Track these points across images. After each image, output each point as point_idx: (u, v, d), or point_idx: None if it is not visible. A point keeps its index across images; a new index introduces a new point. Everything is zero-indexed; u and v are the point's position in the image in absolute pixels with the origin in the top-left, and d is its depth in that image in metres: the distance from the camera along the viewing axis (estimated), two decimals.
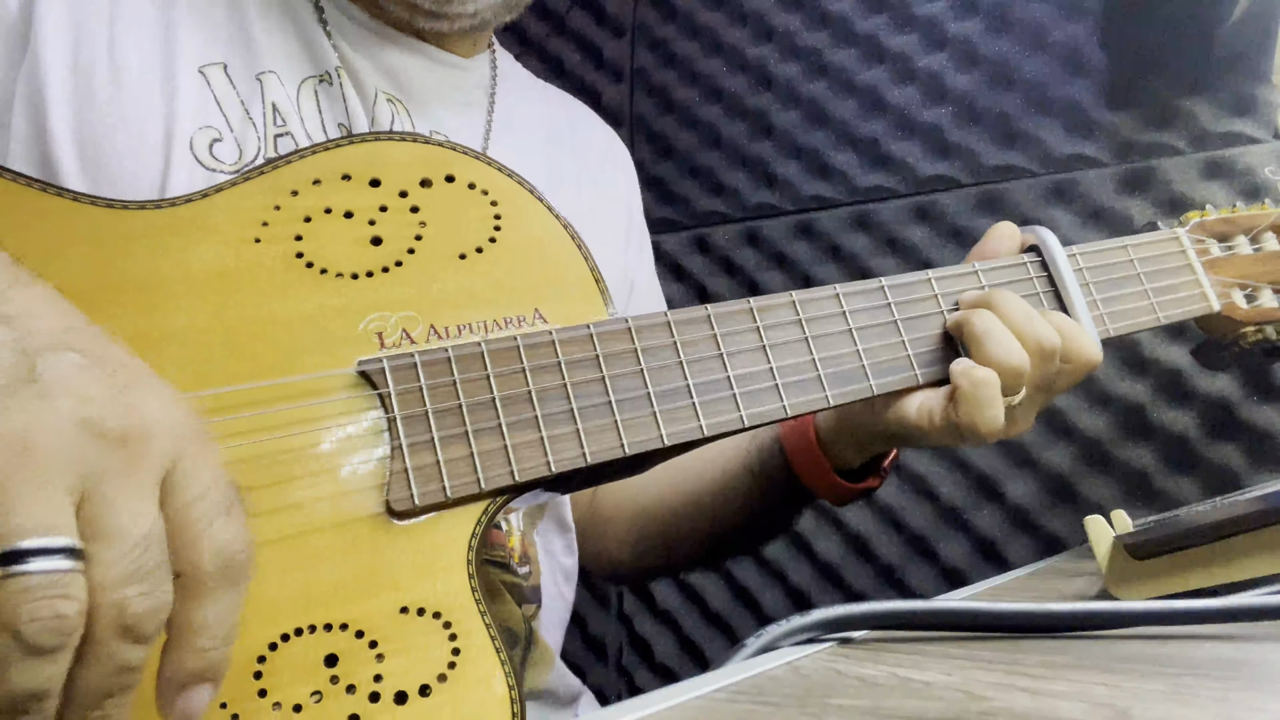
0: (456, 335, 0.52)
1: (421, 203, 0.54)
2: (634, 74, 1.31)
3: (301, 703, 0.43)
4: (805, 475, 0.68)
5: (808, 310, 0.59)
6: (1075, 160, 0.98)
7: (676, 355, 0.55)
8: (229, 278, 0.49)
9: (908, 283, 0.62)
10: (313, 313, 0.50)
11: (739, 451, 0.74)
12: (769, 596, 1.15)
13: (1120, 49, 0.96)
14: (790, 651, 0.41)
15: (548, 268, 0.55)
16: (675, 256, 1.25)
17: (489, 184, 0.56)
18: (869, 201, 1.11)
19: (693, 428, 0.53)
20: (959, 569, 1.01)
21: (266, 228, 0.51)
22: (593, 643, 1.28)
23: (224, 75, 0.64)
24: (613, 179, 0.88)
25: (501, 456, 0.49)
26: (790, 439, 0.69)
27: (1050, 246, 0.65)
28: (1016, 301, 0.60)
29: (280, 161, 0.53)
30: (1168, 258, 0.71)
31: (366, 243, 0.52)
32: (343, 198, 0.53)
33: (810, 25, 1.16)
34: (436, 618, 0.46)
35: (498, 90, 0.78)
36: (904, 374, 0.60)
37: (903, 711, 0.31)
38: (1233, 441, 0.87)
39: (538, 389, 0.51)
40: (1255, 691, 0.32)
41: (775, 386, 0.56)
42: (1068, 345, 0.60)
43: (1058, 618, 0.41)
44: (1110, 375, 0.94)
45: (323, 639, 0.44)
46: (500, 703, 0.45)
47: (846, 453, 0.67)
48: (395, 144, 0.55)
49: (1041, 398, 0.62)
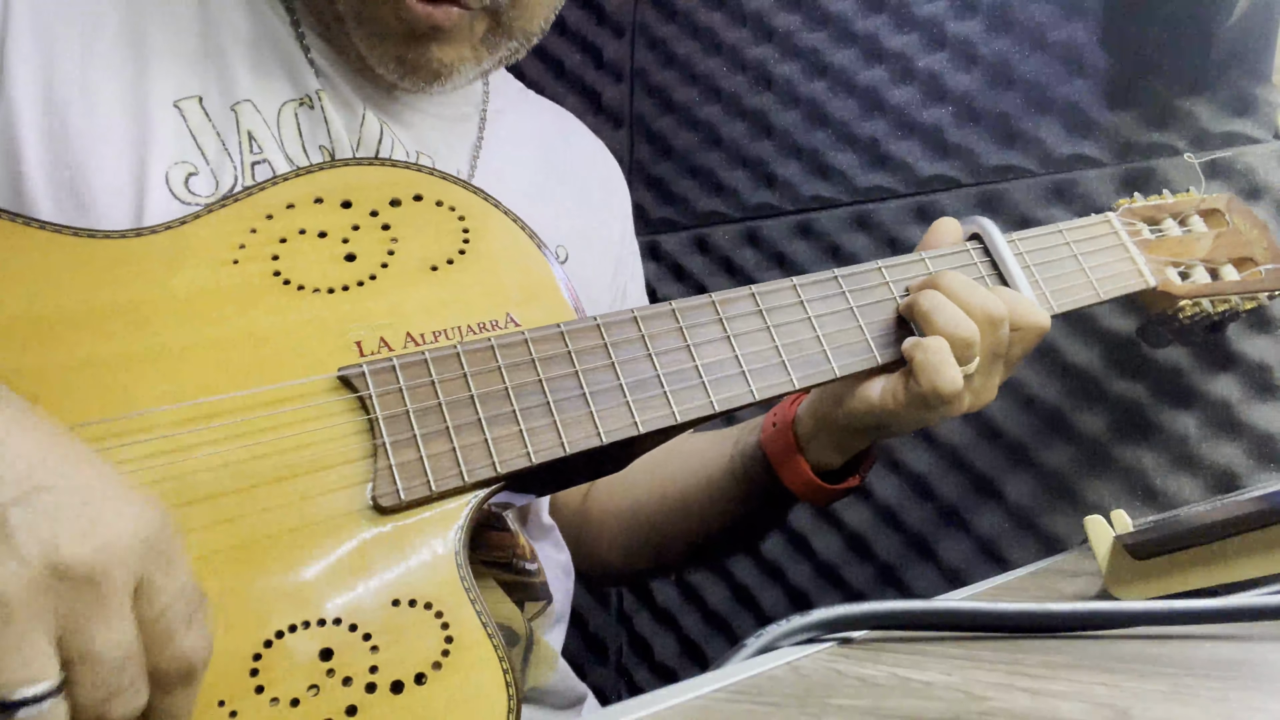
0: (433, 341, 0.54)
1: (392, 220, 0.57)
2: (634, 74, 1.31)
3: (299, 697, 0.43)
4: (787, 478, 0.70)
5: (767, 301, 0.62)
6: (1075, 160, 0.98)
7: (645, 348, 0.57)
8: (210, 296, 0.51)
9: (860, 272, 0.65)
10: (293, 326, 0.52)
11: (722, 456, 0.75)
12: (769, 596, 1.14)
13: (1120, 49, 0.96)
14: (790, 651, 0.41)
15: (517, 276, 0.58)
16: (675, 256, 1.25)
17: (455, 201, 0.59)
18: (869, 201, 1.11)
19: (665, 414, 0.56)
20: (959, 569, 1.01)
21: (244, 249, 0.53)
22: (593, 643, 1.28)
23: (199, 108, 0.63)
24: (604, 192, 0.89)
25: (483, 450, 0.51)
26: (771, 444, 0.70)
27: (990, 233, 0.69)
28: (960, 278, 0.63)
29: (255, 189, 0.55)
30: (1101, 239, 0.75)
31: (341, 259, 0.54)
32: (316, 219, 0.55)
33: (810, 25, 1.16)
34: (428, 608, 0.47)
35: (489, 106, 0.79)
36: (863, 355, 0.63)
37: (903, 711, 0.31)
38: (1233, 441, 0.87)
39: (514, 385, 0.53)
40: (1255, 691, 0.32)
41: (742, 373, 0.59)
42: (1016, 313, 0.64)
43: (1058, 618, 0.41)
44: (1109, 375, 0.94)
45: (317, 634, 0.45)
46: (495, 685, 0.46)
47: (826, 453, 0.69)
48: (365, 168, 0.58)
49: (999, 366, 0.65)
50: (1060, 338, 0.96)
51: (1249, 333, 0.87)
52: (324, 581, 0.45)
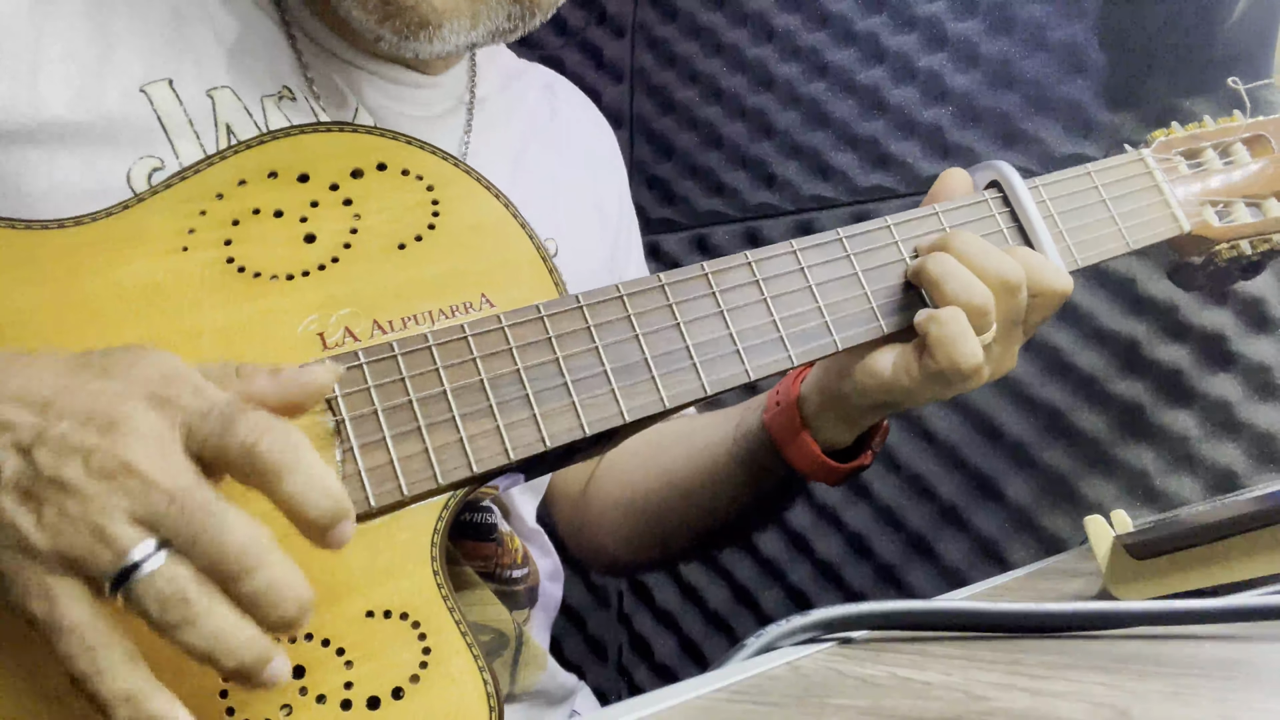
0: (402, 328, 0.50)
1: (354, 194, 0.52)
2: (634, 74, 1.31)
3: (271, 717, 0.42)
4: (794, 459, 0.66)
5: (764, 270, 0.57)
6: (1075, 160, 0.98)
7: (632, 329, 0.53)
8: (159, 291, 0.48)
9: (867, 231, 0.60)
10: (248, 320, 0.48)
11: (724, 439, 0.72)
12: (769, 596, 1.14)
13: (1120, 49, 0.96)
14: (790, 651, 0.41)
15: (492, 251, 0.53)
16: (675, 256, 1.25)
17: (423, 169, 0.54)
18: (869, 201, 1.11)
19: (653, 400, 0.52)
20: (959, 569, 1.01)
21: (193, 235, 0.49)
22: (593, 643, 1.28)
23: (170, 91, 0.59)
24: (599, 163, 0.85)
25: (457, 449, 0.48)
26: (775, 423, 0.67)
27: (1011, 180, 0.64)
28: (973, 240, 0.58)
29: (202, 164, 0.51)
30: (1133, 180, 0.69)
31: (299, 241, 0.50)
32: (270, 196, 0.51)
33: (810, 25, 1.16)
34: (404, 619, 0.45)
35: (476, 97, 0.74)
36: (868, 325, 0.58)
37: (903, 711, 0.31)
38: (1233, 441, 0.87)
39: (490, 377, 0.49)
40: (1255, 691, 0.32)
41: (736, 351, 0.55)
42: (1034, 277, 0.59)
43: (1058, 618, 0.41)
44: (1110, 375, 0.94)
45: (288, 651, 0.42)
46: (476, 697, 0.44)
47: (835, 430, 0.65)
48: (321, 135, 0.53)
49: (1018, 333, 0.61)
50: (1061, 338, 0.96)
51: (1249, 333, 0.87)
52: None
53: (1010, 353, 0.61)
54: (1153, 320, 0.92)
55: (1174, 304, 0.91)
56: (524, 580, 0.71)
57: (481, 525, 0.67)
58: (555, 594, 0.79)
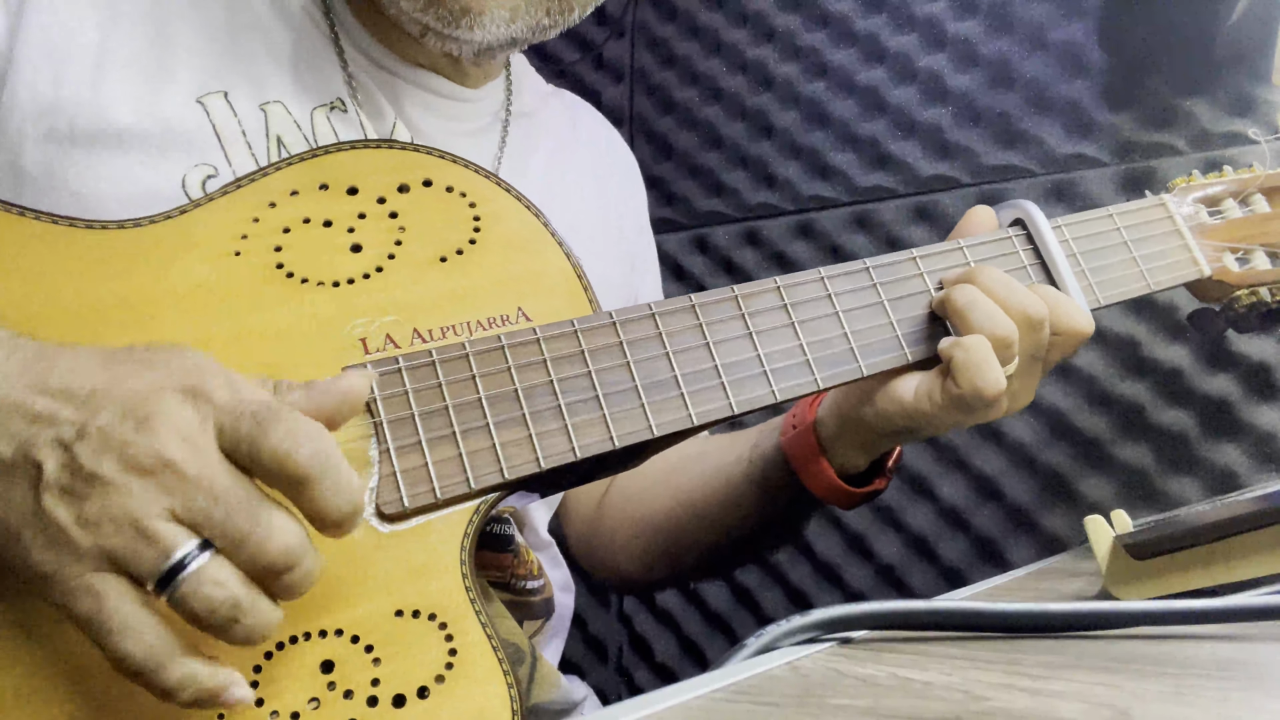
0: (440, 337, 0.52)
1: (400, 208, 0.54)
2: (634, 74, 1.31)
3: (299, 710, 0.43)
4: (809, 481, 0.67)
5: (793, 295, 0.59)
6: (1075, 160, 0.98)
7: (662, 346, 0.55)
8: (211, 292, 0.49)
9: (892, 262, 0.62)
10: (295, 323, 0.50)
11: (740, 463, 0.72)
12: (769, 596, 1.14)
13: (1120, 49, 0.96)
14: (790, 651, 0.41)
15: (530, 266, 0.55)
16: (675, 256, 1.25)
17: (467, 186, 0.56)
18: (869, 201, 1.11)
19: (682, 417, 0.53)
20: (959, 569, 1.01)
21: (246, 240, 0.51)
22: (593, 643, 1.28)
23: (225, 103, 0.61)
24: (616, 185, 0.87)
25: (490, 455, 0.49)
26: (792, 447, 0.68)
27: (1035, 219, 0.65)
28: (998, 274, 0.60)
29: (257, 174, 0.53)
30: (1154, 224, 0.70)
31: (346, 250, 0.52)
32: (321, 207, 0.53)
33: (810, 25, 1.16)
34: (432, 619, 0.46)
35: (511, 115, 0.76)
36: (893, 353, 0.60)
37: (903, 711, 0.31)
38: (1233, 441, 0.87)
39: (524, 386, 0.51)
40: (1255, 691, 0.32)
41: (764, 373, 0.56)
42: (1056, 316, 0.60)
43: (1058, 618, 0.41)
44: (1110, 375, 0.94)
45: (318, 645, 0.44)
46: (499, 700, 0.45)
47: (851, 455, 0.66)
48: (371, 151, 0.56)
49: (1038, 368, 0.61)
50: None
51: (1249, 333, 0.87)
52: (325, 592, 0.45)
53: (1029, 387, 0.62)
54: (1153, 320, 0.92)
55: (1174, 304, 0.91)
56: (539, 592, 0.71)
57: (500, 536, 0.68)
58: (568, 604, 0.79)
